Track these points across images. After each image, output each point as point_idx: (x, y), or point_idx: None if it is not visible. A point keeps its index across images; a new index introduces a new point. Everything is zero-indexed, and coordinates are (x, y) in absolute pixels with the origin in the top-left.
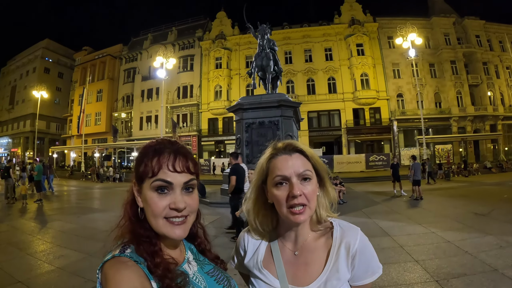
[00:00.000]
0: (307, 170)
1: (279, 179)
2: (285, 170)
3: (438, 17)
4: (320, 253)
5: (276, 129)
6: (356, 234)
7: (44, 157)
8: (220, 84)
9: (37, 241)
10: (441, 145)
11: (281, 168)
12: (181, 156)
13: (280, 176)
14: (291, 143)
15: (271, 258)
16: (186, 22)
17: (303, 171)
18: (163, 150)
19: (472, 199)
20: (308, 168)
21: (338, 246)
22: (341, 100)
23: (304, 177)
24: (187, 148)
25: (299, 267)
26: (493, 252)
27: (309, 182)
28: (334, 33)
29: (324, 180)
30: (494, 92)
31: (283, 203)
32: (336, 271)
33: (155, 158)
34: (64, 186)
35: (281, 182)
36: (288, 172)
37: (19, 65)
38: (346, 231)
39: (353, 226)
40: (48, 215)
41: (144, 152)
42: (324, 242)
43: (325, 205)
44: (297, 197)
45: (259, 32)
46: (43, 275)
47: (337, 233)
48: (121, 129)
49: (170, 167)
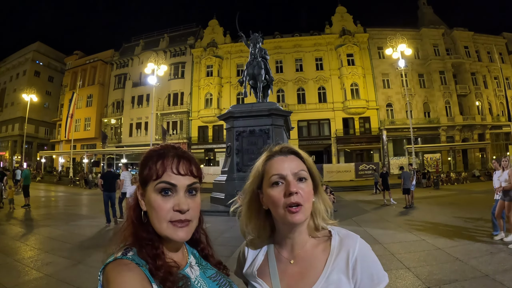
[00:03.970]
0: (302, 170)
1: (276, 178)
2: (282, 170)
3: (428, 28)
4: (317, 262)
5: (267, 138)
6: (355, 242)
7: (32, 161)
8: (211, 92)
9: (24, 247)
10: (430, 154)
11: (277, 168)
12: (184, 160)
13: (276, 175)
14: (286, 145)
15: (267, 267)
16: (178, 29)
17: (299, 170)
18: (167, 153)
19: (462, 207)
20: (303, 169)
21: (336, 255)
22: (331, 109)
23: (299, 177)
24: (190, 153)
25: (294, 277)
26: (483, 258)
27: (305, 182)
28: (325, 43)
29: (319, 186)
30: (482, 102)
31: (279, 203)
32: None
33: (159, 161)
34: (52, 191)
35: (277, 182)
36: (285, 171)
37: (9, 68)
38: (345, 239)
39: (352, 233)
40: (35, 220)
41: (148, 155)
42: (321, 251)
43: (322, 212)
44: (293, 195)
45: (251, 40)
46: (31, 282)
47: (335, 242)
48: (111, 135)
49: (174, 170)
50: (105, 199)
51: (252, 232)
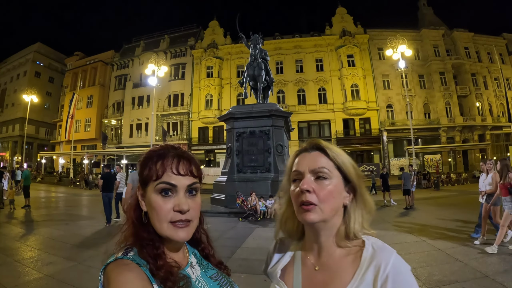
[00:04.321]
0: (323, 167)
1: (294, 174)
2: (300, 166)
3: (428, 29)
4: (344, 274)
5: (267, 139)
6: (389, 256)
7: (33, 162)
8: (211, 93)
9: (24, 247)
10: (430, 155)
11: (298, 164)
12: (184, 160)
13: (295, 172)
14: (314, 140)
15: (291, 270)
16: (179, 30)
17: (319, 167)
18: (167, 154)
19: (462, 208)
20: (325, 167)
21: (365, 268)
22: (331, 110)
23: (319, 175)
24: (190, 153)
25: (317, 285)
26: (483, 259)
27: (325, 181)
28: (325, 44)
29: (357, 187)
30: (483, 102)
31: (295, 199)
32: None
33: (159, 162)
34: (52, 192)
35: (296, 179)
36: (302, 168)
37: (10, 68)
38: (378, 252)
39: (388, 247)
40: (36, 221)
41: (148, 156)
42: (350, 262)
43: (359, 219)
44: (305, 193)
45: (252, 41)
46: (31, 282)
47: (367, 254)
48: (111, 136)
49: (174, 170)
50: (104, 200)
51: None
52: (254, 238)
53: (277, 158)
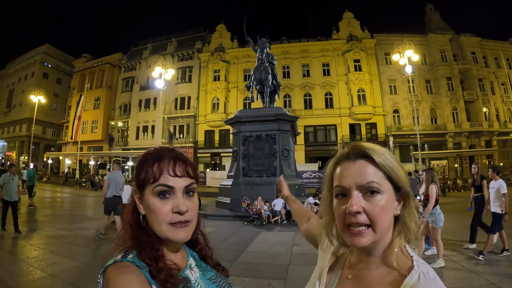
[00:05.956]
0: (373, 181)
1: (338, 190)
2: (344, 180)
3: (435, 34)
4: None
5: (273, 143)
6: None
7: (39, 162)
8: (218, 97)
9: (29, 246)
10: (436, 160)
11: (341, 177)
12: (180, 162)
13: (338, 187)
14: (357, 145)
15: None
16: (186, 33)
17: (368, 182)
18: (163, 156)
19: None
20: (375, 180)
21: None
22: (337, 115)
23: (369, 189)
24: (185, 154)
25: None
26: (489, 266)
27: (378, 196)
28: (332, 49)
29: (409, 193)
30: (490, 108)
31: (340, 219)
32: None
33: (155, 164)
34: (57, 193)
35: (341, 194)
36: (347, 183)
37: (18, 69)
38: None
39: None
40: (40, 221)
41: (144, 159)
42: (388, 283)
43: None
44: (354, 215)
45: (259, 45)
46: (35, 281)
47: (409, 281)
48: (117, 137)
49: (170, 172)
50: None
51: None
52: (259, 242)
53: (283, 162)
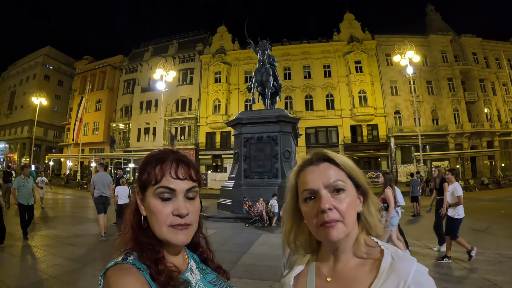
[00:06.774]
0: (338, 180)
1: (306, 193)
2: (311, 183)
3: (436, 35)
4: (359, 285)
5: (275, 145)
6: (410, 266)
7: (41, 164)
8: (219, 98)
9: (30, 248)
10: (438, 161)
11: (308, 181)
12: (183, 164)
13: (307, 190)
14: (318, 152)
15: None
16: (187, 35)
17: (334, 181)
18: (165, 158)
19: (470, 215)
20: (340, 178)
21: (384, 279)
22: (339, 116)
23: (335, 188)
24: (188, 157)
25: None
26: (492, 267)
27: (343, 193)
28: (333, 50)
29: (367, 192)
30: (491, 108)
31: (312, 221)
32: None
33: (158, 166)
34: (59, 194)
35: (309, 197)
36: (315, 185)
37: (20, 71)
38: (398, 262)
39: (408, 256)
40: (42, 223)
41: (147, 160)
42: (367, 272)
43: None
44: (326, 212)
45: (260, 47)
46: (36, 283)
47: (386, 263)
48: (119, 139)
49: (173, 175)
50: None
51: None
52: (260, 244)
53: (285, 164)
